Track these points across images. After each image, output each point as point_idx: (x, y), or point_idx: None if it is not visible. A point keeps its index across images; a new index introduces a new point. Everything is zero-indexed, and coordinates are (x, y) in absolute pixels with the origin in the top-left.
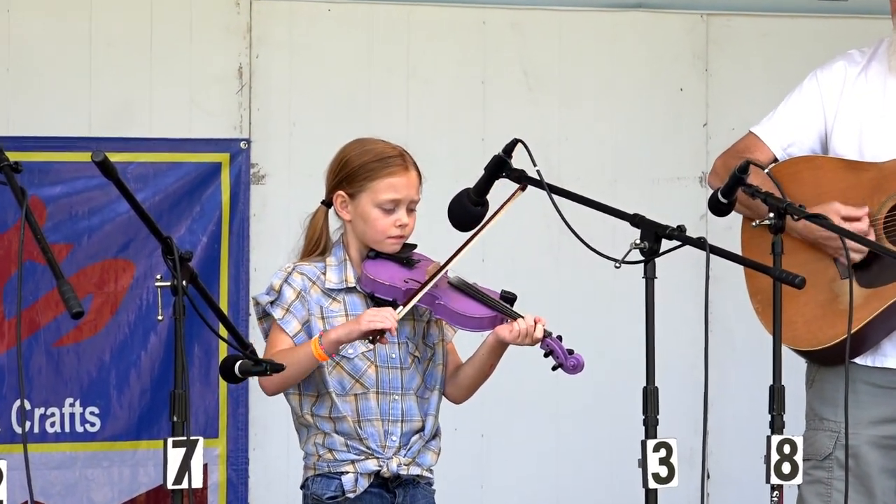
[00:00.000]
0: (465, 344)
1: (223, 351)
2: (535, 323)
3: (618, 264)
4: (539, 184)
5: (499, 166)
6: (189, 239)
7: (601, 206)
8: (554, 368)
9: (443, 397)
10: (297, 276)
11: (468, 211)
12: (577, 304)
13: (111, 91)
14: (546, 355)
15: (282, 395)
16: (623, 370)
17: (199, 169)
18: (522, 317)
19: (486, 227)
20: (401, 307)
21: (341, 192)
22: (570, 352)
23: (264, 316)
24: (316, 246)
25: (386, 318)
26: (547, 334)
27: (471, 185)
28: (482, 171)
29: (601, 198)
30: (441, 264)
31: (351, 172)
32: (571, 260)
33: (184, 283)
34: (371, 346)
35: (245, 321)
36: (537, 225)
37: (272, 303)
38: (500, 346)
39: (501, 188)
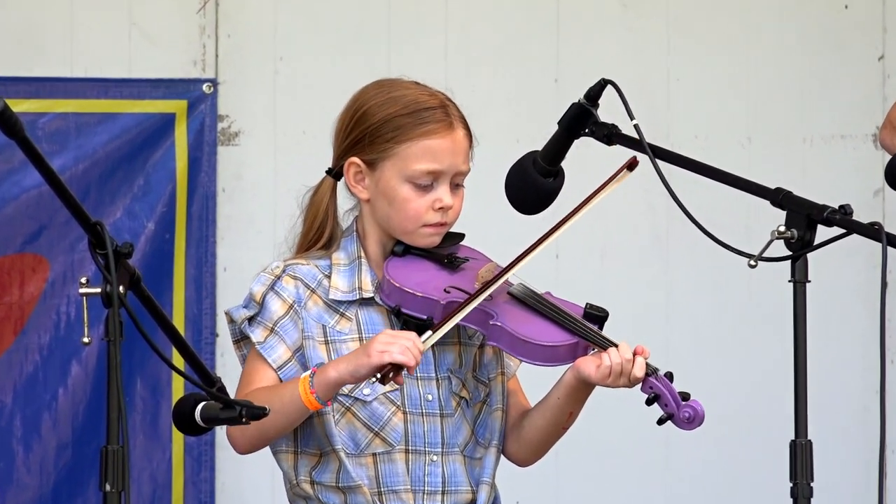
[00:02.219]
0: (534, 381)
1: (178, 389)
2: (635, 355)
3: (753, 262)
4: (638, 145)
5: (579, 119)
6: (129, 225)
7: (729, 177)
8: (661, 421)
9: (501, 457)
10: (288, 280)
11: (535, 185)
12: (694, 321)
13: (13, 13)
14: (650, 402)
15: (267, 452)
16: (761, 414)
17: (143, 124)
18: (616, 345)
19: (580, 213)
20: (428, 333)
21: (356, 160)
22: (685, 397)
23: (242, 339)
24: (317, 236)
25: (405, 347)
26: (651, 371)
27: (538, 147)
28: (555, 127)
29: (729, 166)
30: (501, 267)
31: (370, 130)
32: (685, 257)
33: (121, 289)
34: (387, 388)
35: (210, 345)
36: (635, 206)
37: (251, 319)
38: (584, 387)
39: (586, 154)
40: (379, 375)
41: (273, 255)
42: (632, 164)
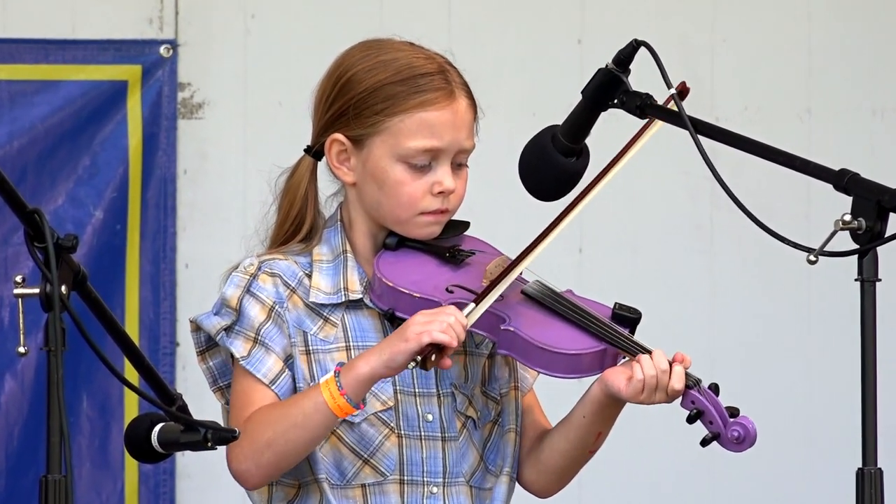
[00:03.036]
0: (554, 397)
1: (132, 408)
2: (672, 364)
3: (813, 256)
4: (677, 118)
5: (607, 87)
6: (73, 214)
7: (784, 156)
8: (706, 442)
9: (516, 486)
10: (265, 278)
11: (555, 166)
12: (742, 325)
13: None
14: (692, 419)
15: (234, 483)
16: (822, 436)
17: (89, 94)
18: (650, 352)
19: (592, 195)
20: (471, 305)
21: (339, 136)
22: (733, 413)
23: (208, 349)
24: (295, 227)
25: (447, 325)
26: (693, 383)
27: (558, 120)
28: (578, 97)
29: (785, 142)
30: (511, 260)
31: (356, 101)
32: (732, 250)
33: (63, 290)
34: (389, 403)
35: (169, 355)
36: (673, 190)
37: (228, 329)
38: (613, 403)
39: (615, 129)
40: (419, 359)
41: (244, 248)
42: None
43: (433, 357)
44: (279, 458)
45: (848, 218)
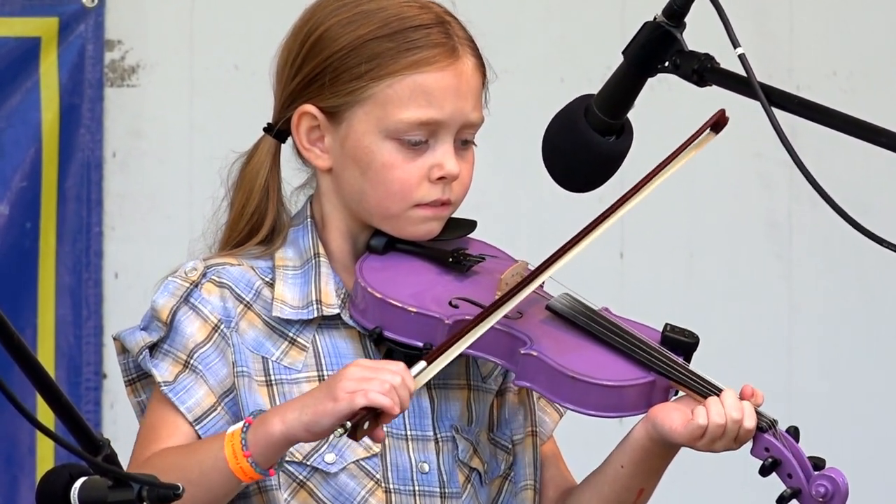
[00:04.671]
0: (580, 442)
1: (46, 457)
2: (743, 401)
3: None
4: (745, 86)
5: (655, 46)
6: None
7: (883, 136)
8: (784, 500)
9: None
10: (211, 289)
11: (588, 147)
12: (829, 348)
13: None
14: (766, 470)
15: None
16: None
17: None
18: (710, 385)
19: (639, 198)
20: (421, 364)
21: (310, 108)
22: (818, 464)
23: (140, 378)
24: (253, 225)
25: (388, 385)
26: (766, 425)
27: (594, 89)
28: (618, 59)
29: (885, 118)
30: (533, 269)
31: (331, 63)
32: (817, 253)
33: None
34: (375, 448)
35: (94, 390)
36: (740, 179)
37: (154, 347)
38: (662, 451)
39: (666, 99)
40: (349, 425)
41: (188, 251)
42: (718, 123)
43: (366, 425)
44: None
45: None
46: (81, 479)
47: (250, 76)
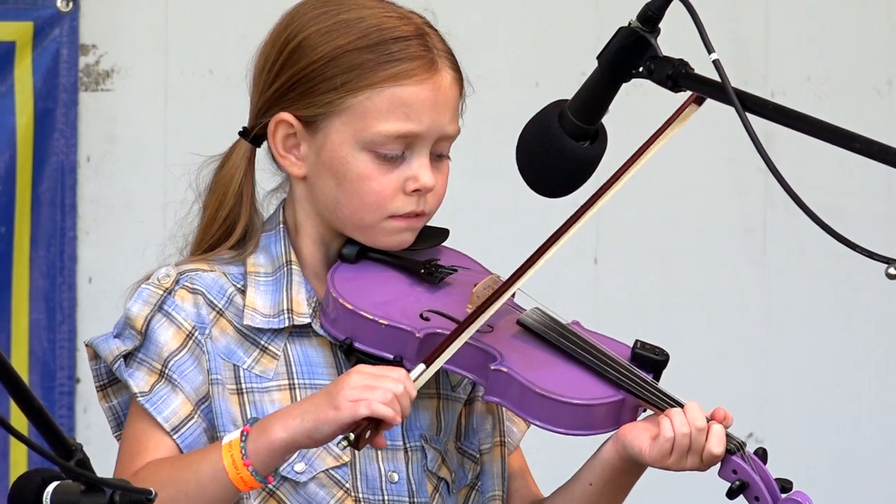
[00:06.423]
0: (549, 456)
1: (18, 462)
2: (710, 421)
3: (895, 269)
4: (720, 92)
5: (630, 51)
6: None
7: (858, 141)
8: None
9: None
10: (184, 295)
11: (564, 152)
12: (804, 361)
13: None
14: (734, 492)
15: None
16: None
17: None
18: (682, 405)
19: (608, 196)
20: (420, 367)
21: (286, 116)
22: (785, 486)
23: (111, 383)
24: (225, 230)
25: (391, 394)
26: (735, 447)
27: (568, 94)
28: (593, 64)
29: (860, 123)
30: (503, 280)
31: (309, 73)
32: (792, 261)
33: None
34: (345, 457)
35: (68, 395)
36: (717, 185)
37: (129, 356)
38: (631, 468)
39: (641, 105)
40: (352, 437)
41: (160, 256)
42: (697, 101)
43: (367, 434)
44: None
45: None
46: (54, 484)
47: (225, 81)
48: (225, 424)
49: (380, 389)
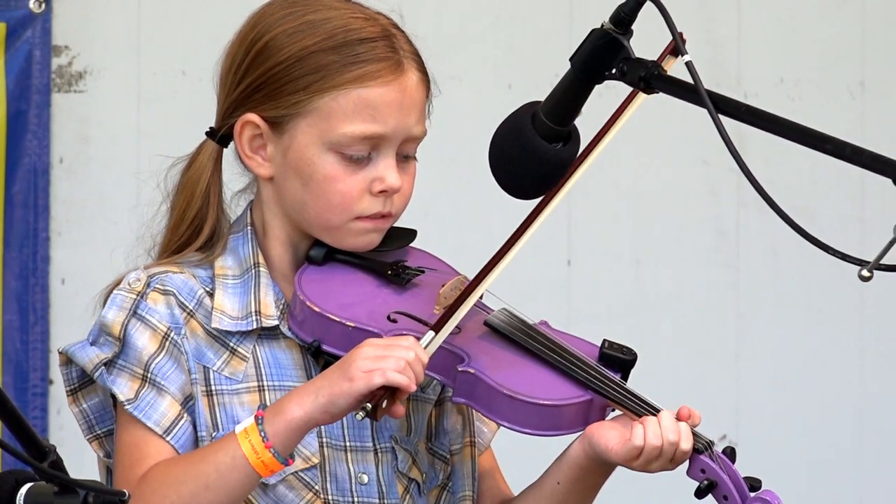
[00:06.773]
0: (518, 455)
1: None
2: (679, 423)
3: (868, 271)
4: (692, 94)
5: (602, 53)
6: None
7: (831, 143)
8: None
9: None
10: (156, 297)
11: (536, 154)
12: (776, 362)
13: None
14: (702, 492)
15: None
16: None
17: None
18: (647, 404)
19: (564, 190)
20: (430, 334)
21: (253, 117)
22: (754, 485)
23: (81, 387)
24: (192, 231)
25: (403, 362)
26: (703, 447)
27: (541, 96)
28: (566, 66)
29: (832, 125)
30: (469, 280)
31: (275, 73)
32: (765, 263)
33: None
34: (314, 459)
35: (41, 396)
36: (689, 186)
37: (109, 363)
38: (598, 468)
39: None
40: (369, 407)
41: (130, 258)
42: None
43: (384, 404)
44: None
45: None
46: (27, 485)
47: (197, 82)
48: (199, 427)
49: (392, 358)
